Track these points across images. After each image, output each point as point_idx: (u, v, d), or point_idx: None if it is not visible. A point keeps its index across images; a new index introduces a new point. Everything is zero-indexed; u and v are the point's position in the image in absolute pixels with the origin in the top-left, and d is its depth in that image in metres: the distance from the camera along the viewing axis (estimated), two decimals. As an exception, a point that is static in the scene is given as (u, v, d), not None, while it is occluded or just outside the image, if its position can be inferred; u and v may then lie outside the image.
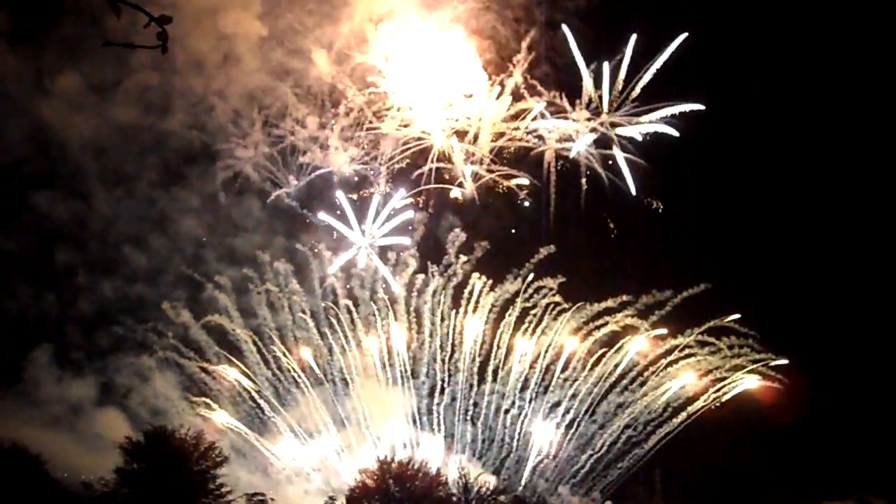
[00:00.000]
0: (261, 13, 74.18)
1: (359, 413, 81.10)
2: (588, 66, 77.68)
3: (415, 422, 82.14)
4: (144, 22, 15.24)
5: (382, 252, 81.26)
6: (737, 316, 79.29)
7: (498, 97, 77.64)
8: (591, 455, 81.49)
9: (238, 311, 79.82)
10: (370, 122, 79.26)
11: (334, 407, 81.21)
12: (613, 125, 78.05)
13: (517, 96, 78.31)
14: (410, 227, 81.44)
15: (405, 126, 79.31)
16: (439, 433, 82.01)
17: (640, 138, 78.29)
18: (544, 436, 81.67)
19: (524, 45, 77.83)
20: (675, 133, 77.58)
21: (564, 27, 77.16)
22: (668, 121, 77.20)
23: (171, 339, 79.34)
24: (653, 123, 77.88)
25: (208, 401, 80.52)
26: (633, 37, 77.28)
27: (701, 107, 77.18)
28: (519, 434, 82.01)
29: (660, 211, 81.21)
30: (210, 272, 79.25)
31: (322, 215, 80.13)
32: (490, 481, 77.62)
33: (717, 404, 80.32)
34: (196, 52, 71.63)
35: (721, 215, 79.01)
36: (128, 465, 64.64)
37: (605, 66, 77.73)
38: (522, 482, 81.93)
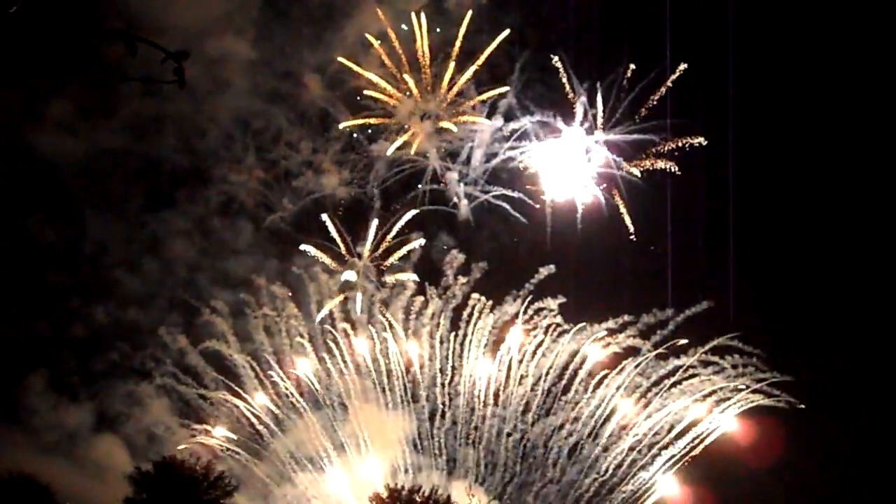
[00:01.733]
0: (252, 37, 74.53)
1: (358, 438, 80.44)
2: (582, 86, 77.16)
3: (415, 446, 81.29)
4: (157, 56, 15.36)
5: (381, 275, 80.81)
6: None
7: (489, 117, 77.39)
8: (595, 479, 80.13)
9: (234, 336, 79.49)
10: (363, 146, 79.17)
11: (333, 432, 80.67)
12: (608, 143, 77.31)
13: (510, 116, 77.98)
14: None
15: (398, 149, 79.00)
16: (441, 457, 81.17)
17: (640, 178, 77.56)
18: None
19: (517, 66, 77.65)
20: (676, 171, 77.04)
21: (554, 57, 76.75)
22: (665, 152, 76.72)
23: (169, 367, 78.99)
24: (651, 159, 77.05)
25: (208, 427, 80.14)
26: (631, 67, 76.65)
27: (702, 140, 76.41)
28: (521, 457, 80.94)
29: (659, 252, 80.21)
30: (205, 297, 79.12)
31: (312, 250, 79.42)
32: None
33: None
34: (187, 77, 71.38)
35: (723, 230, 77.85)
36: (137, 496, 64.11)
37: (599, 87, 77.12)
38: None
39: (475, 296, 79.88)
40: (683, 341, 78.50)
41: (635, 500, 79.58)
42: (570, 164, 76.95)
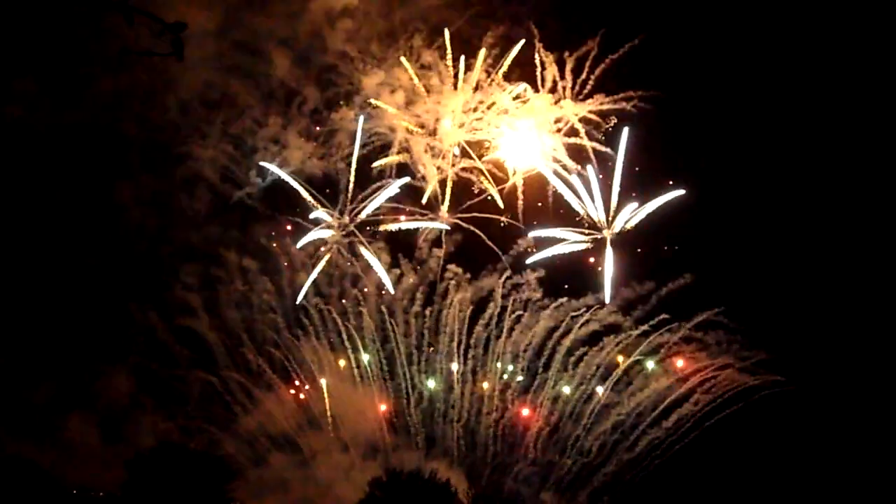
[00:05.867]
0: (215, 9, 72.76)
1: (332, 416, 78.95)
2: (552, 58, 74.63)
3: (391, 425, 79.65)
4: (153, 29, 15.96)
5: (352, 248, 78.91)
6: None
7: (456, 87, 74.79)
8: (577, 461, 77.78)
9: (205, 312, 78.06)
10: (329, 120, 77.04)
11: (308, 409, 79.24)
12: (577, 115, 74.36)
13: (479, 88, 75.38)
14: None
15: (365, 122, 76.61)
16: (417, 436, 79.36)
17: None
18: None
19: (488, 40, 75.00)
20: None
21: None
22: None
23: (141, 344, 77.95)
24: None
25: (189, 410, 79.24)
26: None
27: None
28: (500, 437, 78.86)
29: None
30: (172, 273, 77.81)
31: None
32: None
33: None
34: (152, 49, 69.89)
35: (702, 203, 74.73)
36: (135, 481, 62.64)
37: (567, 59, 74.63)
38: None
39: (451, 269, 78.42)
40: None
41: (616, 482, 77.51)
42: (539, 134, 74.35)
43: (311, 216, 77.13)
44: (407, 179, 76.33)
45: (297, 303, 78.01)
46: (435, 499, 66.61)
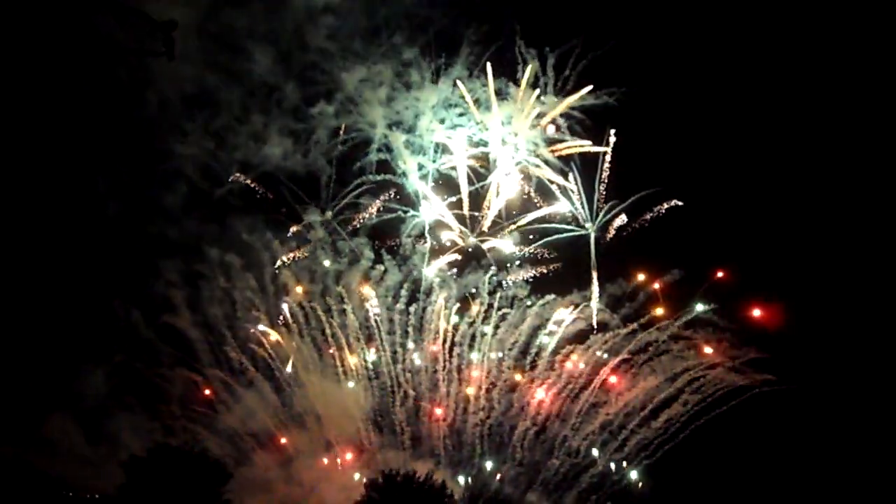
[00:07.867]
0: (199, 4, 71.86)
1: (317, 414, 78.02)
2: (535, 53, 73.69)
3: (377, 425, 78.62)
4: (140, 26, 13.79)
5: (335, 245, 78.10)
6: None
7: (435, 81, 73.82)
8: (564, 461, 76.42)
9: (188, 309, 77.39)
10: (311, 116, 76.06)
11: (292, 409, 78.40)
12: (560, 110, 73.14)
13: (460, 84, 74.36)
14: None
15: (346, 118, 75.73)
16: (402, 435, 78.27)
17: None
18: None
19: (470, 36, 74.07)
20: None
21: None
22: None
23: (125, 342, 77.26)
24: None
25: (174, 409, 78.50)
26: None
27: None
28: (486, 436, 77.66)
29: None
30: (154, 270, 76.75)
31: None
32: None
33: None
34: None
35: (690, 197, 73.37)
36: (131, 483, 62.14)
37: (549, 55, 73.63)
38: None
39: (436, 266, 77.30)
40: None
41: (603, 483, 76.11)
42: (520, 131, 73.08)
43: (291, 231, 76.58)
44: (392, 191, 75.91)
45: (280, 321, 77.59)
46: (431, 502, 65.91)
